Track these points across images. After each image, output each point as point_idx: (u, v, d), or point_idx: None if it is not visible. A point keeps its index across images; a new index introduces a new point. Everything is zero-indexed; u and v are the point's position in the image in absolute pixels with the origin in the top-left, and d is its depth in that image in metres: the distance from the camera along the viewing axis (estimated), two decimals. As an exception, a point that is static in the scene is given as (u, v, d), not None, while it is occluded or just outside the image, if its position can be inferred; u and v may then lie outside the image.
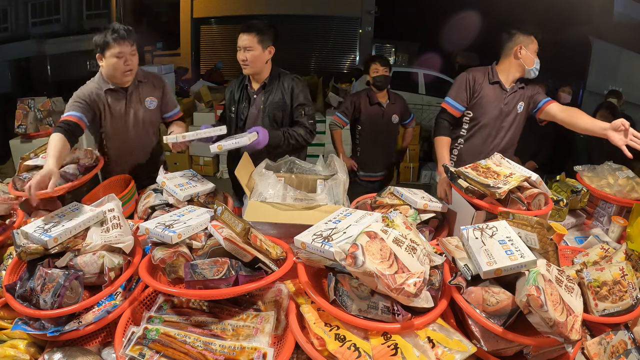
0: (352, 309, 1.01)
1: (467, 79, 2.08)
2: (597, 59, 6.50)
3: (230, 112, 2.14)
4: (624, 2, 5.94)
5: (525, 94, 2.10)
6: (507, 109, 2.08)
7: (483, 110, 2.09)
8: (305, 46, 9.81)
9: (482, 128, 2.12)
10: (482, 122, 2.11)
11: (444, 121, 2.09)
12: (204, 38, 10.57)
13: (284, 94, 2.05)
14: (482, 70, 2.13)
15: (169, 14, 10.31)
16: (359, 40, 10.02)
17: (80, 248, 1.17)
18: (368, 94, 2.93)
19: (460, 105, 2.09)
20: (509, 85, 2.08)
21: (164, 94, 2.04)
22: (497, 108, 2.08)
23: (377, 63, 2.85)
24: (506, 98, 2.08)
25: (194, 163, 5.26)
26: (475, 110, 2.10)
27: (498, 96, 2.08)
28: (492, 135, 2.12)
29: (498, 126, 2.11)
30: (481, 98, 2.08)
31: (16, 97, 3.73)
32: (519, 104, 2.09)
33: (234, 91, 2.14)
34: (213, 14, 10.29)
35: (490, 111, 2.08)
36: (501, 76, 2.08)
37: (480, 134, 2.12)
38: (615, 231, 1.75)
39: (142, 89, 1.96)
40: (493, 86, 2.08)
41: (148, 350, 0.93)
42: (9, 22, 8.05)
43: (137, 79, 1.93)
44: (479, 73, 2.10)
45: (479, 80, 2.08)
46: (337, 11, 9.77)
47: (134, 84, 1.92)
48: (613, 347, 1.16)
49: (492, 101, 2.08)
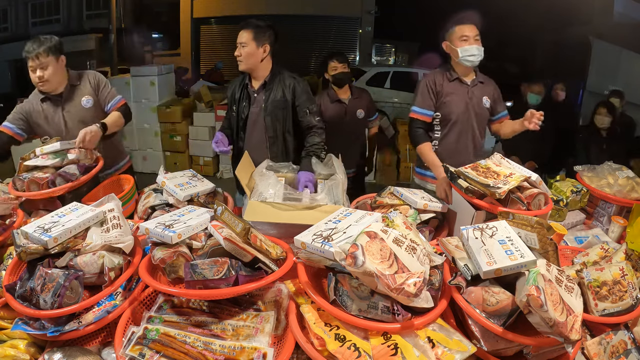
0: (352, 309, 1.01)
1: (427, 84, 2.12)
2: (597, 59, 6.49)
3: (232, 111, 2.15)
4: (624, 2, 5.94)
5: (488, 90, 2.16)
6: (472, 102, 2.12)
7: (450, 108, 2.11)
8: (305, 46, 9.81)
9: (454, 126, 2.13)
10: (452, 120, 2.12)
11: (418, 129, 2.12)
12: (204, 38, 10.58)
13: (286, 92, 2.06)
14: (440, 71, 2.16)
15: (169, 14, 10.32)
16: (359, 40, 10.03)
17: (80, 248, 1.17)
18: (328, 93, 2.87)
19: (429, 111, 2.12)
20: (469, 80, 2.12)
21: (99, 88, 2.07)
22: (462, 103, 2.11)
23: (335, 60, 2.79)
24: (469, 92, 2.11)
25: (194, 163, 5.26)
26: (443, 110, 2.13)
27: (461, 92, 2.11)
28: (465, 130, 2.14)
29: (468, 121, 2.13)
30: (446, 97, 2.11)
31: (16, 97, 3.73)
32: (483, 98, 2.14)
33: (235, 90, 2.14)
34: (213, 14, 10.29)
35: (457, 108, 2.11)
36: (458, 72, 2.12)
37: (453, 132, 2.14)
38: (615, 231, 1.75)
39: (76, 91, 2.03)
40: (454, 83, 2.11)
41: (148, 350, 0.93)
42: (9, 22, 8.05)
43: (70, 83, 2.02)
44: (438, 75, 2.14)
45: (439, 81, 2.12)
46: (337, 11, 9.78)
47: (67, 89, 2.00)
48: (613, 347, 1.16)
49: (456, 98, 2.10)
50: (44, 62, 1.87)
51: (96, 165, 1.78)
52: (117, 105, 2.09)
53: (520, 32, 7.66)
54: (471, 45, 2.01)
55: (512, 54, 8.40)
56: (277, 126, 2.08)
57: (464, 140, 2.14)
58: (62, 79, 1.99)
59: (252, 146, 2.09)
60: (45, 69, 1.89)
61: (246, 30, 1.98)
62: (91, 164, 1.76)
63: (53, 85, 1.96)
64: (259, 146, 2.10)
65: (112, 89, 2.12)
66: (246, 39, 1.98)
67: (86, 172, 1.70)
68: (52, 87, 1.96)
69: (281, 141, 2.11)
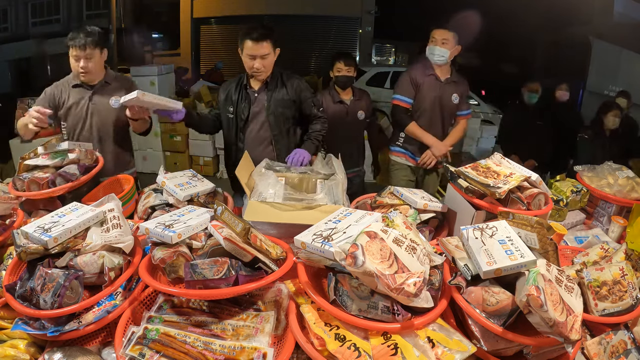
0: (352, 309, 1.01)
1: (410, 76, 2.53)
2: (597, 59, 6.50)
3: (228, 112, 2.13)
4: (624, 2, 5.94)
5: (460, 89, 2.57)
6: (441, 97, 2.51)
7: (421, 99, 2.52)
8: (305, 46, 9.81)
9: (422, 114, 2.54)
10: (421, 108, 2.54)
11: (402, 114, 2.55)
12: (204, 38, 10.58)
13: (289, 91, 2.07)
14: (420, 66, 2.55)
15: (169, 14, 10.32)
16: (359, 40, 10.03)
17: (80, 248, 1.17)
18: (330, 92, 2.87)
19: (409, 99, 2.53)
20: (443, 78, 2.51)
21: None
22: (432, 96, 2.50)
23: (342, 62, 2.79)
24: (441, 88, 2.51)
25: (194, 163, 5.26)
26: (416, 99, 2.53)
27: (433, 86, 2.51)
28: (433, 120, 2.55)
29: (436, 112, 2.53)
30: (420, 89, 2.51)
31: (16, 97, 3.74)
32: (453, 96, 2.54)
33: (231, 92, 2.13)
34: (213, 14, 10.29)
35: (427, 99, 2.51)
36: (434, 69, 2.50)
37: (422, 120, 2.54)
38: (615, 231, 1.75)
39: (109, 89, 2.07)
40: (429, 78, 2.51)
41: (148, 350, 0.93)
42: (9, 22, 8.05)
43: (105, 80, 2.08)
44: (418, 70, 2.54)
45: (419, 75, 2.51)
46: (337, 11, 9.78)
47: (100, 83, 2.06)
48: (613, 347, 1.16)
49: (428, 91, 2.50)
50: (89, 53, 1.94)
51: (96, 165, 1.78)
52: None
53: (520, 32, 7.65)
54: (435, 46, 2.44)
55: (512, 54, 8.40)
56: (282, 124, 2.10)
57: (434, 127, 2.55)
58: (101, 71, 2.06)
59: (253, 145, 2.10)
60: (90, 59, 1.95)
61: (266, 41, 1.93)
62: (91, 164, 1.76)
63: (93, 77, 2.03)
64: (260, 145, 2.11)
65: None
66: (268, 49, 1.95)
67: (86, 172, 1.70)
68: (92, 78, 2.03)
69: (285, 138, 2.14)
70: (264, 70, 1.99)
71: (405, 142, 2.62)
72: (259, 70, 1.98)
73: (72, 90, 2.06)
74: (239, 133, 2.13)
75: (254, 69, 1.98)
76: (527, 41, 8.36)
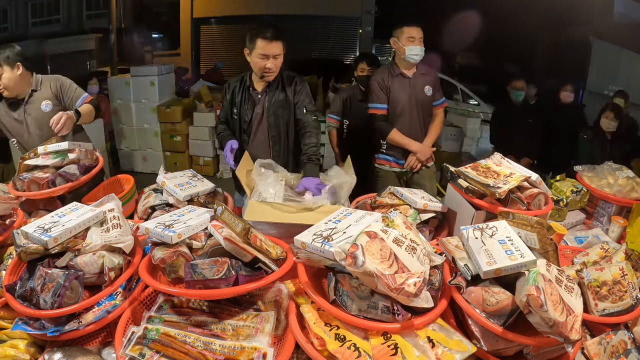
0: (352, 309, 1.01)
1: (377, 82, 2.44)
2: (597, 59, 6.50)
3: (232, 114, 2.12)
4: (624, 2, 5.94)
5: (430, 80, 2.48)
6: (414, 93, 2.43)
7: (395, 102, 2.43)
8: (305, 46, 9.80)
9: (400, 116, 2.45)
10: (397, 110, 2.44)
11: (382, 122, 2.46)
12: (204, 38, 10.57)
13: (287, 91, 2.05)
14: (385, 69, 2.49)
15: (169, 14, 10.31)
16: (359, 40, 10.02)
17: (80, 248, 1.17)
18: (354, 90, 3.01)
19: (384, 105, 2.45)
20: (411, 73, 2.43)
21: (62, 92, 2.12)
22: (405, 95, 2.42)
23: (364, 62, 2.95)
24: (411, 84, 2.43)
25: (194, 163, 5.25)
26: (390, 103, 2.44)
27: (403, 85, 2.42)
28: (412, 118, 2.46)
29: (413, 111, 2.45)
30: (391, 91, 2.43)
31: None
32: (425, 88, 2.45)
33: (235, 93, 2.10)
34: (213, 14, 10.29)
35: (400, 100, 2.42)
36: (401, 67, 2.42)
37: (401, 123, 2.45)
38: (615, 231, 1.75)
39: (37, 96, 2.09)
40: (397, 77, 2.43)
41: (148, 350, 0.93)
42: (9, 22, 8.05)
43: (32, 89, 2.08)
44: (384, 73, 2.46)
45: (386, 78, 2.43)
46: (337, 11, 9.77)
47: (28, 94, 2.07)
48: (613, 347, 1.16)
49: (399, 91, 2.42)
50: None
51: (96, 165, 1.78)
52: (85, 101, 2.13)
53: (520, 32, 7.66)
54: (416, 46, 2.33)
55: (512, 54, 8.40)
56: (280, 125, 2.08)
57: (413, 128, 2.47)
58: (23, 85, 2.05)
59: (256, 146, 2.09)
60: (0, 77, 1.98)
61: (279, 41, 1.91)
62: (91, 164, 1.76)
63: (13, 92, 2.03)
64: (262, 146, 2.10)
65: (77, 89, 2.17)
66: (279, 49, 1.93)
67: (86, 172, 1.70)
68: (13, 93, 2.03)
69: (284, 139, 2.12)
70: (274, 70, 1.97)
71: (388, 148, 2.53)
72: (270, 70, 1.95)
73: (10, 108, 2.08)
74: (243, 134, 2.11)
75: (265, 69, 1.94)
76: (527, 41, 8.36)
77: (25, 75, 2.05)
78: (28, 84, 2.07)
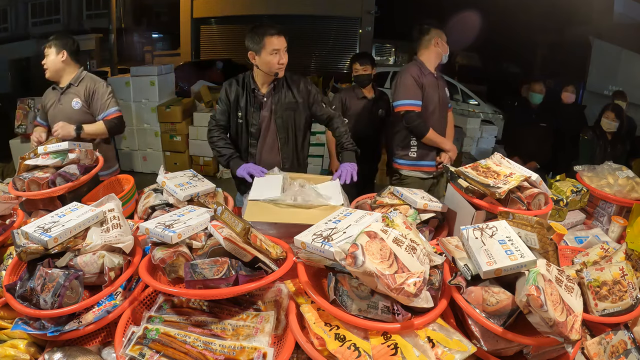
0: (352, 309, 1.01)
1: (413, 78, 2.33)
2: (597, 59, 6.50)
3: (237, 118, 2.06)
4: (624, 2, 5.95)
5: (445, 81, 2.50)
6: (441, 93, 2.43)
7: (427, 100, 2.36)
8: (305, 46, 9.81)
9: (432, 114, 2.39)
10: (430, 109, 2.38)
11: (420, 121, 2.33)
12: (204, 38, 10.59)
13: (295, 93, 2.04)
14: (414, 66, 2.38)
15: (169, 14, 10.33)
16: (359, 40, 10.04)
17: (80, 248, 1.17)
18: (354, 90, 3.06)
19: (420, 101, 2.34)
20: (436, 73, 2.42)
21: (93, 97, 2.22)
22: (436, 94, 2.39)
23: (357, 63, 2.99)
24: (439, 84, 2.42)
25: (194, 163, 5.26)
26: (423, 101, 2.36)
27: (433, 83, 2.39)
28: (441, 118, 2.44)
29: (442, 109, 2.44)
30: (425, 89, 2.35)
31: (16, 97, 3.74)
32: (445, 89, 2.48)
33: (238, 97, 2.04)
34: (213, 14, 10.30)
35: (433, 98, 2.38)
36: (429, 66, 2.38)
37: (432, 120, 2.39)
38: (615, 231, 1.75)
39: (71, 90, 2.22)
40: (427, 76, 2.37)
41: (148, 350, 0.93)
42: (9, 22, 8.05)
43: (70, 82, 2.21)
44: (415, 69, 2.36)
45: (419, 75, 2.35)
46: (337, 11, 9.79)
47: (67, 85, 2.21)
48: (613, 347, 1.16)
49: (432, 89, 2.37)
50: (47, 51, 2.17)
51: (96, 165, 1.78)
52: (108, 117, 2.19)
53: (520, 32, 7.66)
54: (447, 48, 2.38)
55: (512, 54, 8.40)
56: (289, 127, 2.07)
57: (441, 127, 2.44)
58: (64, 73, 2.20)
59: (265, 150, 2.09)
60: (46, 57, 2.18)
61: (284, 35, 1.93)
62: (91, 164, 1.76)
63: (52, 75, 2.20)
64: (271, 149, 2.09)
65: (108, 101, 2.22)
66: (286, 43, 1.94)
67: (86, 172, 1.70)
68: (52, 76, 2.20)
69: (292, 141, 2.11)
70: (285, 64, 1.97)
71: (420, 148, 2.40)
72: (284, 63, 1.96)
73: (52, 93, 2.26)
74: (250, 139, 2.08)
75: (280, 64, 1.94)
76: (527, 41, 8.37)
77: (70, 66, 2.20)
78: (70, 75, 2.20)
